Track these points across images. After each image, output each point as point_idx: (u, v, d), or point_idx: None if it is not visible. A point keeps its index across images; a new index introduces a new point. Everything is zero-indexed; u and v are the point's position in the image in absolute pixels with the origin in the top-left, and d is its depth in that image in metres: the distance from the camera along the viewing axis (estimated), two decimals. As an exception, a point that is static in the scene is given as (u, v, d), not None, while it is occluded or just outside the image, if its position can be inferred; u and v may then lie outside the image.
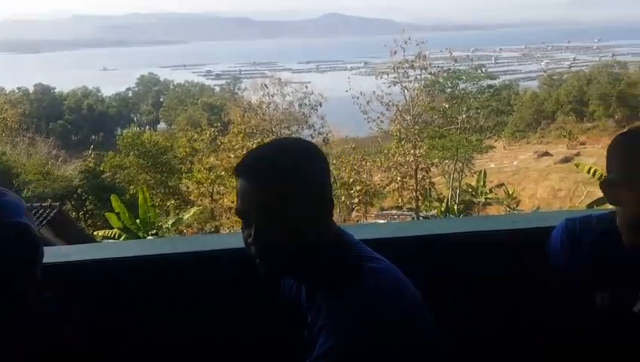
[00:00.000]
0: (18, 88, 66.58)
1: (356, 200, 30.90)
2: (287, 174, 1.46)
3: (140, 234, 17.22)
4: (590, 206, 23.84)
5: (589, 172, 23.05)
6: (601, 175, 22.54)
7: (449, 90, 31.54)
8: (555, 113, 55.57)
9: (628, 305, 1.67)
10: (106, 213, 18.31)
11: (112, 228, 17.72)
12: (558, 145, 49.39)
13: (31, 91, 67.45)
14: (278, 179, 1.44)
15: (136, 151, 30.77)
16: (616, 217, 1.70)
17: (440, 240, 2.25)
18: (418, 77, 31.07)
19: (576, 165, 26.20)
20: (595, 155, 42.64)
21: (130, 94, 77.52)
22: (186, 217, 21.20)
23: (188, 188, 31.67)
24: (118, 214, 17.16)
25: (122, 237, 16.93)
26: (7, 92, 61.74)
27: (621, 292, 1.67)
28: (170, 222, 19.82)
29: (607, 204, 1.75)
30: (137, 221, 17.36)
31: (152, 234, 17.32)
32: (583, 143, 49.35)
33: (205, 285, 2.12)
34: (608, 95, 51.81)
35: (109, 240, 16.82)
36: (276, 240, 1.45)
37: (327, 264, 1.52)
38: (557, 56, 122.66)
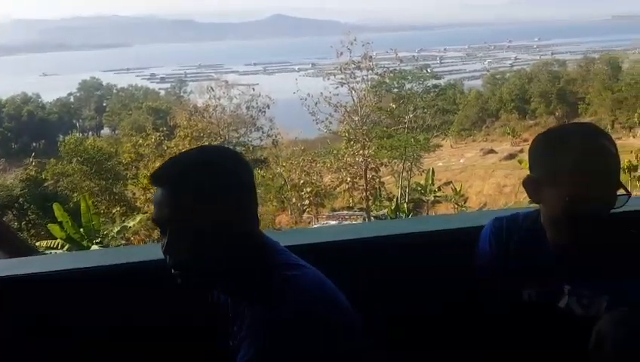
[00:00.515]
0: (-46, 95, 64.44)
1: (307, 201, 30.89)
2: (203, 181, 1.40)
3: (85, 243, 16.79)
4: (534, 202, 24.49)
5: (532, 168, 23.72)
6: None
7: (396, 90, 31.79)
8: (499, 111, 56.77)
9: (554, 301, 1.71)
10: (49, 224, 17.78)
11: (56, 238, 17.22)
12: (503, 142, 50.48)
13: (-32, 98, 65.22)
14: (191, 185, 1.39)
15: (79, 158, 30.14)
16: (540, 215, 1.75)
17: (380, 243, 2.23)
18: (365, 77, 31.24)
19: (520, 162, 26.90)
20: (537, 151, 43.88)
21: (72, 100, 75.58)
22: (131, 224, 20.76)
23: (134, 194, 31.08)
24: (61, 223, 16.67)
25: (66, 247, 16.46)
26: (-57, 99, 59.73)
27: (547, 288, 1.72)
28: (115, 230, 19.37)
29: None
30: (81, 230, 16.90)
31: (96, 243, 16.89)
32: (526, 140, 50.41)
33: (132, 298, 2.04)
34: (549, 93, 53.19)
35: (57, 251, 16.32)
36: (191, 249, 1.40)
37: (251, 273, 1.47)
38: (499, 56, 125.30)
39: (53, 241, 17.27)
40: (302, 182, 30.98)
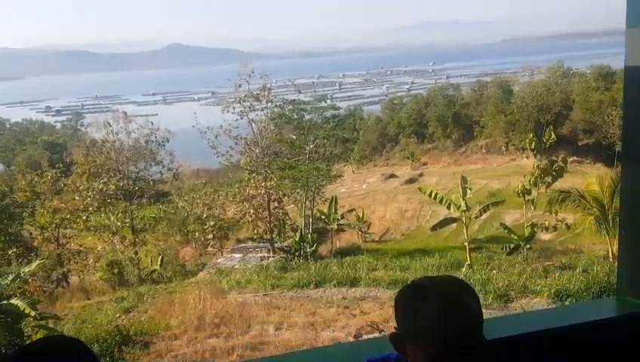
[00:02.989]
0: None
1: (210, 235, 30.55)
2: None
3: (-24, 293, 15.84)
4: (434, 228, 25.30)
5: (430, 195, 24.55)
6: (442, 198, 24.03)
7: (295, 121, 31.88)
8: (398, 136, 58.23)
9: None
10: None
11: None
12: (403, 166, 51.72)
13: None
14: None
15: (-30, 198, 28.65)
16: None
17: None
18: (264, 108, 31.10)
19: (420, 188, 27.67)
20: (436, 175, 45.17)
21: (-38, 137, 71.72)
22: (26, 271, 19.80)
23: (31, 234, 29.92)
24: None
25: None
26: None
27: None
28: (9, 279, 18.39)
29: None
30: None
31: (-10, 292, 15.97)
32: (425, 164, 52.09)
33: None
34: (445, 116, 54.86)
35: None
36: None
37: None
38: (396, 80, 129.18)
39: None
40: (205, 215, 30.66)
